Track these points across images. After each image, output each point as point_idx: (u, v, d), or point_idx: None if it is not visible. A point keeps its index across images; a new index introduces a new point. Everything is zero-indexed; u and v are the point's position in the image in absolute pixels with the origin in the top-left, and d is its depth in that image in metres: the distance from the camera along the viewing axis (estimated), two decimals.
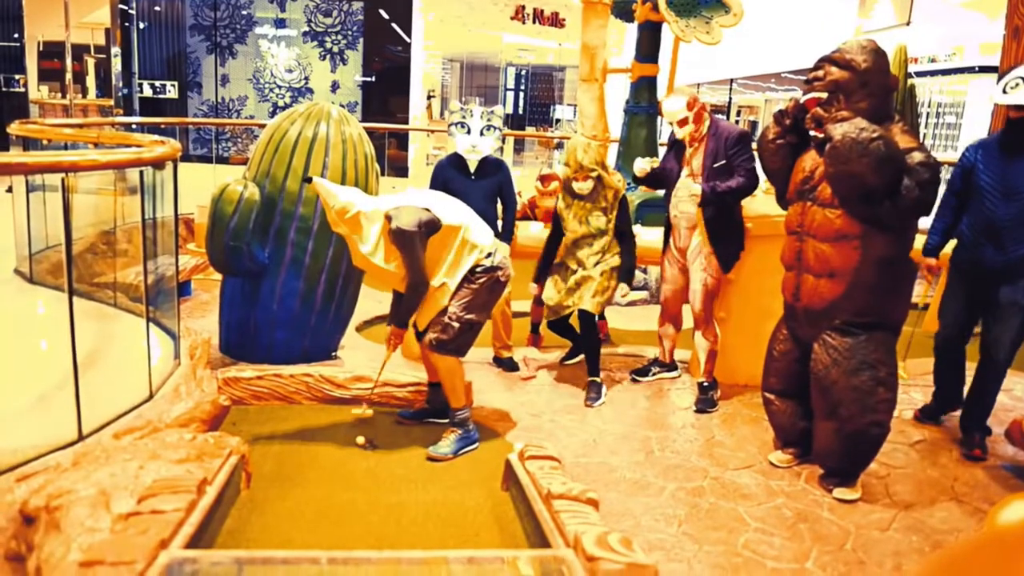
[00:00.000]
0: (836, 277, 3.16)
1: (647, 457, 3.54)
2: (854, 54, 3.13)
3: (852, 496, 3.22)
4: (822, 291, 3.21)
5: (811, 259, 3.23)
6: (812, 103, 3.18)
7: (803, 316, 3.32)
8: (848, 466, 3.28)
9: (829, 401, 3.22)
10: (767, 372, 3.62)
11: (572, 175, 4.18)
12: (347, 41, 14.30)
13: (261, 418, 3.73)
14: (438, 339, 3.46)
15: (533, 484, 2.86)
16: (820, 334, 3.25)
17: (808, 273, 3.25)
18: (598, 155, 4.20)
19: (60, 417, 2.82)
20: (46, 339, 4.04)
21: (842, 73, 3.12)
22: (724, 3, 5.30)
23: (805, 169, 3.27)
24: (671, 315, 4.48)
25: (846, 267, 3.13)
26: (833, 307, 3.19)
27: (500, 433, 3.74)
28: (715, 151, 4.04)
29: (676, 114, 4.05)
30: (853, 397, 3.14)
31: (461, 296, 3.46)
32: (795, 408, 3.50)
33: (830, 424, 3.23)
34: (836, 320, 3.19)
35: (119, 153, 3.33)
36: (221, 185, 4.03)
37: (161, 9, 13.87)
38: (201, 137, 14.10)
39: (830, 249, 3.16)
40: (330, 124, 4.20)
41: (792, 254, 3.35)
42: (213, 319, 4.65)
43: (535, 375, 4.56)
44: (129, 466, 2.61)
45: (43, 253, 5.16)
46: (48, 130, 4.90)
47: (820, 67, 3.21)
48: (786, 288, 3.42)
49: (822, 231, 3.18)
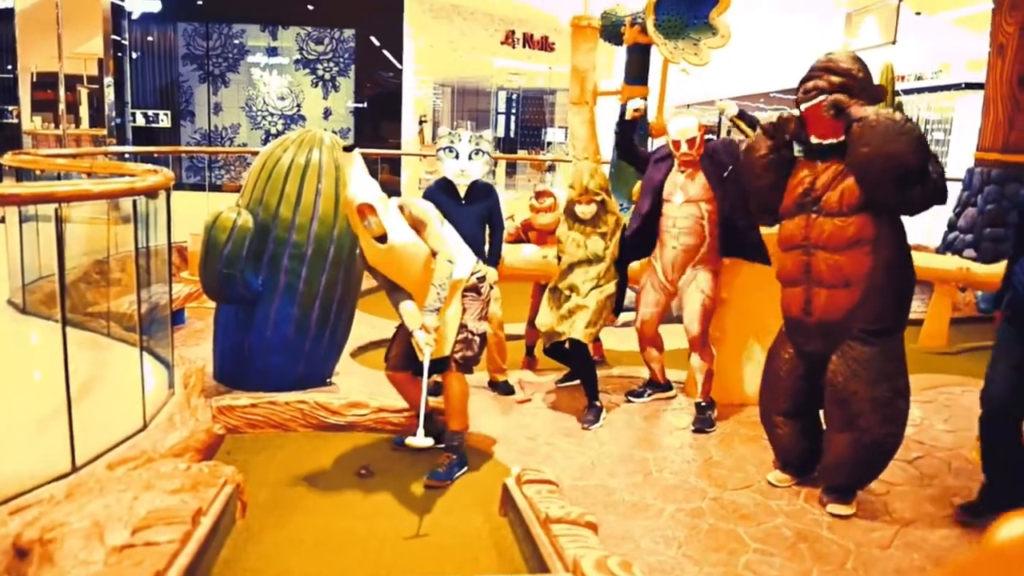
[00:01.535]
0: (851, 286, 3.14)
1: (645, 479, 3.52)
2: (848, 63, 3.16)
3: (848, 512, 3.21)
4: (838, 301, 3.17)
5: (823, 271, 3.19)
6: (815, 111, 3.16)
7: (816, 330, 3.26)
8: (859, 478, 3.27)
9: (847, 413, 3.18)
10: (772, 394, 3.54)
11: (576, 198, 4.20)
12: (339, 68, 14.40)
13: (256, 446, 3.71)
14: (464, 356, 3.49)
15: (531, 508, 2.84)
16: (836, 346, 3.21)
17: (820, 286, 3.21)
18: (603, 180, 4.23)
19: (53, 448, 2.79)
20: (39, 369, 4.01)
21: (842, 80, 3.13)
22: (712, 25, 5.35)
23: (804, 182, 3.25)
24: (649, 339, 4.44)
25: (860, 274, 3.12)
26: (850, 316, 3.16)
27: (497, 457, 3.72)
28: (716, 167, 4.06)
29: (688, 132, 4.06)
30: (872, 408, 3.12)
31: (473, 309, 3.53)
32: (800, 428, 3.46)
33: (847, 436, 3.19)
34: (854, 329, 3.16)
35: (112, 183, 3.33)
36: (214, 213, 4.03)
37: (154, 39, 13.96)
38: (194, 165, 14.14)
39: (843, 258, 3.13)
40: (322, 151, 4.22)
41: (797, 269, 3.29)
42: (207, 347, 4.64)
43: (531, 398, 4.55)
44: (123, 497, 2.58)
45: (36, 283, 5.14)
46: (41, 160, 4.90)
47: (817, 76, 3.20)
48: (792, 304, 3.35)
49: (833, 241, 3.15)
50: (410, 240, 3.30)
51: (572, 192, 4.23)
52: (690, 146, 4.06)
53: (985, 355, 3.16)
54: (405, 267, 3.36)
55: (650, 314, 4.36)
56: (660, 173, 4.23)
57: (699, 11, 5.38)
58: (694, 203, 4.11)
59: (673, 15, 5.40)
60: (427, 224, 3.35)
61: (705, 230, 4.12)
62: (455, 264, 3.39)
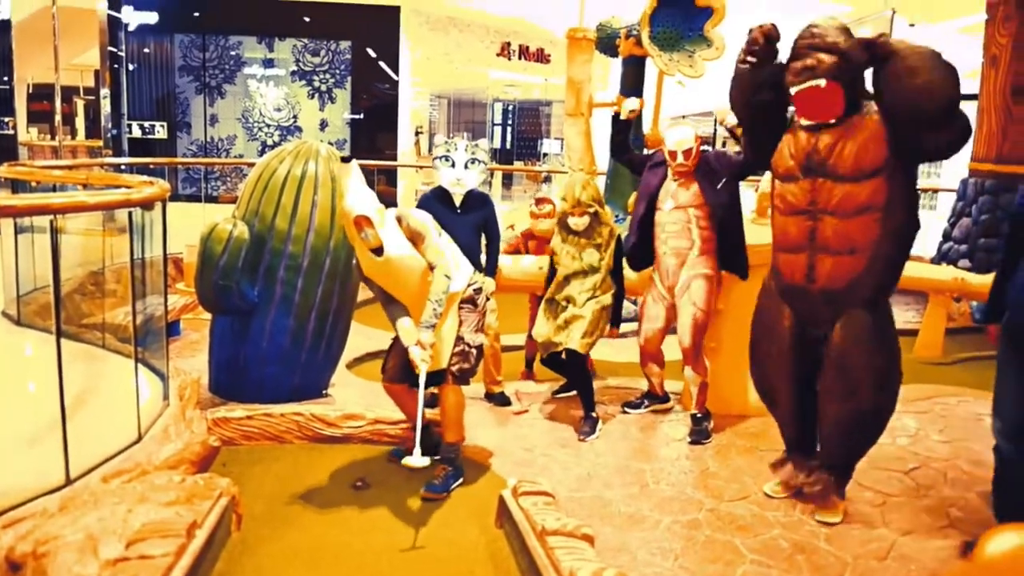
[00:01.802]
0: (857, 253, 3.08)
1: (642, 490, 3.51)
2: (834, 35, 3.01)
3: (835, 519, 3.22)
4: (843, 269, 3.11)
5: (828, 237, 3.11)
6: (815, 92, 3.03)
7: (819, 297, 3.19)
8: (854, 450, 3.28)
9: (848, 380, 3.14)
10: (773, 365, 3.42)
11: (569, 210, 4.20)
12: (335, 80, 14.44)
13: (252, 458, 3.69)
14: (460, 369, 3.50)
15: (527, 520, 2.84)
16: (839, 313, 3.15)
17: (825, 253, 3.14)
18: (596, 192, 4.23)
19: (48, 461, 2.78)
20: (34, 381, 4.00)
21: (834, 59, 2.99)
22: (706, 37, 5.39)
23: (803, 144, 3.15)
24: (652, 355, 4.41)
25: (867, 241, 3.06)
26: (854, 284, 3.11)
27: (493, 469, 3.71)
28: (709, 177, 4.06)
29: (685, 143, 4.05)
30: (872, 376, 3.11)
31: (470, 321, 3.53)
32: (804, 396, 3.36)
33: (845, 405, 3.15)
34: (857, 297, 3.11)
35: (108, 195, 3.33)
36: (210, 224, 4.03)
37: (150, 51, 13.99)
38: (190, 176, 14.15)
39: (852, 224, 3.07)
40: (319, 162, 4.22)
41: (802, 234, 3.19)
42: (202, 358, 4.62)
43: (527, 409, 4.54)
44: (117, 510, 2.57)
45: (31, 295, 5.13)
46: (37, 172, 4.90)
47: (805, 54, 3.04)
48: (794, 271, 3.25)
49: (843, 206, 3.07)
50: (407, 253, 3.30)
51: (565, 204, 4.24)
52: (686, 157, 4.07)
53: (980, 365, 3.16)
54: (401, 279, 3.36)
55: (654, 330, 4.32)
56: (656, 178, 4.24)
57: (694, 23, 5.42)
58: (682, 209, 4.12)
59: (668, 27, 5.44)
60: (425, 236, 3.34)
61: (693, 233, 4.11)
62: (452, 279, 3.39)
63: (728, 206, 4.08)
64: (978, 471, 3.70)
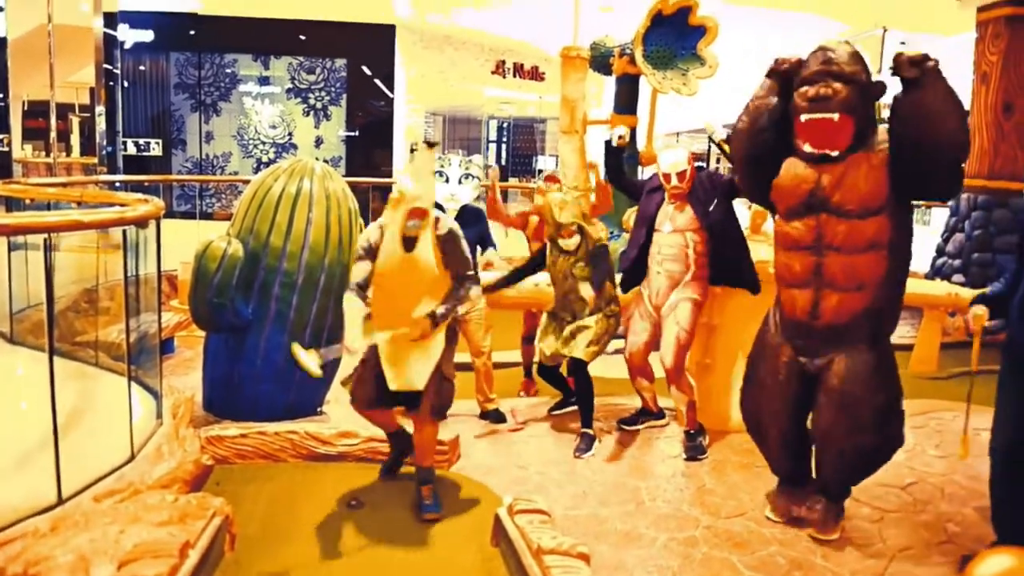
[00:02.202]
0: (864, 289, 3.06)
1: (638, 507, 3.50)
2: (850, 65, 3.00)
3: (831, 537, 3.21)
4: (849, 305, 3.08)
5: (836, 273, 3.08)
6: (827, 124, 3.00)
7: (822, 333, 3.16)
8: (852, 481, 3.27)
9: (849, 418, 3.09)
10: (768, 399, 3.38)
11: (554, 234, 4.19)
12: (330, 97, 14.49)
13: (245, 477, 3.67)
14: (440, 405, 3.43)
15: (523, 539, 2.82)
16: (839, 350, 3.12)
17: (831, 289, 3.10)
18: (577, 209, 4.18)
19: (39, 480, 2.76)
20: (26, 400, 3.97)
21: (848, 89, 2.97)
22: (699, 56, 5.43)
23: (807, 179, 3.11)
24: (639, 368, 4.39)
25: (874, 277, 3.05)
26: (858, 319, 3.09)
27: (489, 487, 3.69)
28: (702, 199, 4.07)
29: (678, 165, 4.06)
30: (873, 413, 3.07)
31: (450, 354, 3.45)
32: (796, 434, 3.34)
33: (848, 443, 3.12)
34: (860, 332, 3.09)
35: (102, 213, 3.32)
36: (204, 242, 4.02)
37: (146, 68, 14.02)
38: (185, 193, 14.15)
39: (860, 260, 3.04)
40: (313, 180, 4.23)
41: (806, 270, 3.16)
42: (196, 376, 4.60)
43: (523, 426, 4.53)
44: (109, 530, 2.55)
45: (24, 312, 5.10)
46: (31, 190, 4.89)
47: (820, 82, 3.01)
48: (797, 307, 3.22)
49: (850, 242, 3.04)
50: (430, 259, 3.31)
51: (549, 229, 4.23)
52: (680, 179, 4.08)
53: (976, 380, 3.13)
54: (412, 282, 3.33)
55: (638, 344, 4.32)
56: (653, 204, 4.25)
57: (687, 42, 5.47)
58: (680, 232, 4.12)
59: (661, 46, 5.48)
60: (462, 244, 3.38)
61: (690, 259, 4.12)
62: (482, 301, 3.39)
63: (723, 221, 4.09)
64: (975, 486, 3.70)
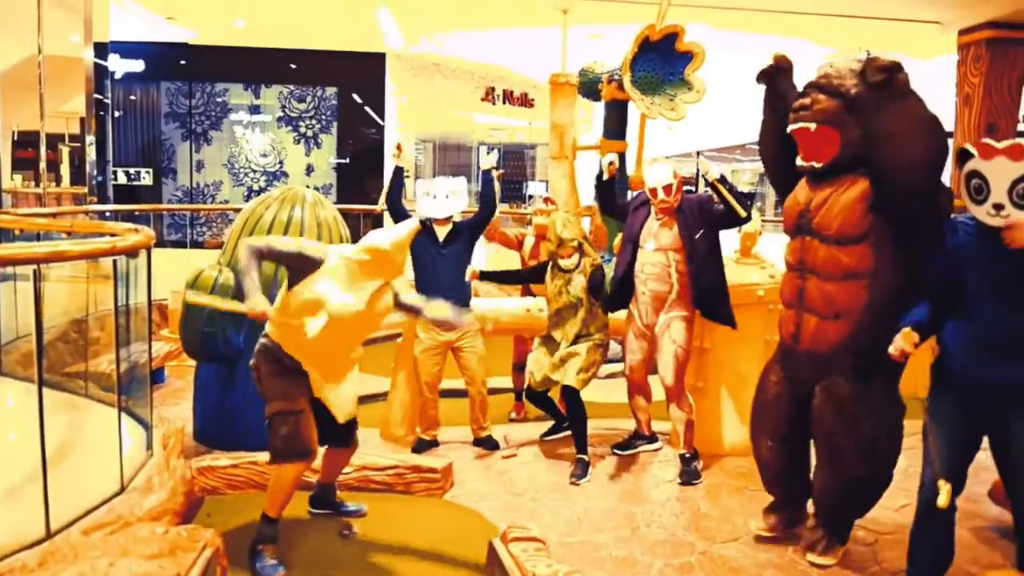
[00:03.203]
0: (842, 318, 2.96)
1: (633, 533, 3.48)
2: (846, 79, 2.91)
3: (829, 562, 3.19)
4: (826, 333, 3.01)
5: (815, 298, 3.03)
6: (804, 133, 2.96)
7: (804, 359, 3.11)
8: (843, 515, 3.22)
9: (831, 448, 3.06)
10: (761, 416, 3.40)
11: (557, 251, 4.23)
12: (321, 125, 14.53)
13: (237, 507, 3.63)
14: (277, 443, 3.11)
15: (518, 568, 2.80)
16: (823, 378, 3.04)
17: (811, 314, 3.05)
18: (579, 227, 4.29)
19: (28, 513, 2.72)
20: (15, 432, 3.93)
21: (834, 103, 2.90)
22: (687, 81, 5.48)
23: (799, 201, 3.12)
24: (638, 385, 4.42)
25: (853, 307, 2.94)
26: (838, 350, 3.00)
27: (483, 514, 3.67)
28: (690, 223, 4.08)
29: (664, 179, 4.07)
30: (856, 447, 2.98)
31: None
32: (785, 453, 3.32)
33: (831, 472, 3.10)
34: (841, 364, 2.99)
35: (92, 243, 3.31)
36: (195, 271, 4.02)
37: (136, 98, 14.06)
38: (176, 222, 14.12)
39: (835, 288, 2.96)
40: (305, 208, 4.23)
41: (792, 292, 3.15)
42: (187, 406, 4.57)
43: (516, 453, 4.51)
44: (98, 564, 2.51)
45: (13, 343, 5.06)
46: (21, 220, 4.89)
47: (806, 94, 2.99)
48: (784, 328, 3.21)
49: (827, 269, 2.98)
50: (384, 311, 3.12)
51: (550, 245, 4.27)
52: (667, 193, 4.09)
53: None
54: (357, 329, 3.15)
55: (636, 360, 4.35)
56: (638, 221, 4.27)
57: (674, 68, 5.52)
58: (663, 251, 4.13)
59: (649, 72, 5.53)
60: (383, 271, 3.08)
61: (672, 278, 4.12)
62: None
63: (706, 255, 4.07)
64: (969, 506, 3.69)
